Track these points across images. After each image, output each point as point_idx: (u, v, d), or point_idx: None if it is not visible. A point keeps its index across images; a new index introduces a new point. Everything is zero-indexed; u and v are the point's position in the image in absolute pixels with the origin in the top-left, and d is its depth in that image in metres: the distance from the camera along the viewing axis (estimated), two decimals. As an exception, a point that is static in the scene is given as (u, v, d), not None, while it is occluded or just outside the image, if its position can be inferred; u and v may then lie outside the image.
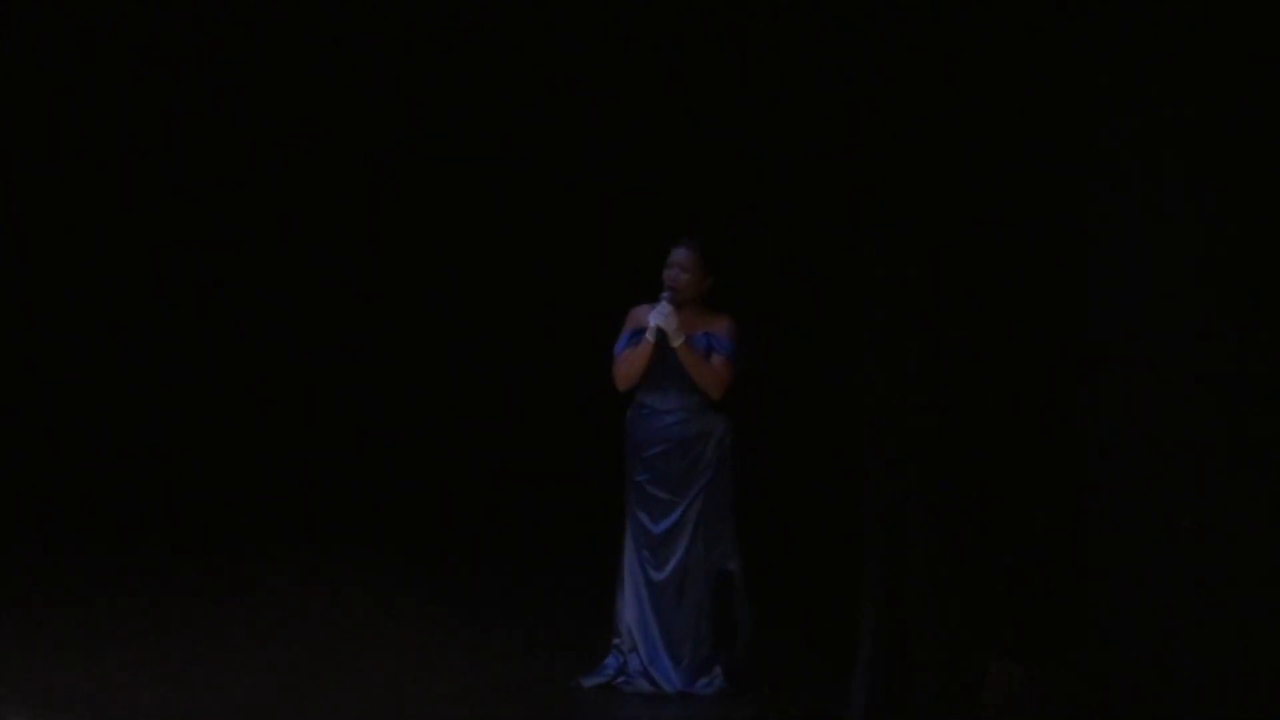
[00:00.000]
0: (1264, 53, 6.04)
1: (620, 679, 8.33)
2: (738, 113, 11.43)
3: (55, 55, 12.44)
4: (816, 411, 11.02)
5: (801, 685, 8.38)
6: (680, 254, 8.40)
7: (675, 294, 8.35)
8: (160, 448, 13.07)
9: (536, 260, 12.59)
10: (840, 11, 7.93)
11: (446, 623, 9.82)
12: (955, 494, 7.15)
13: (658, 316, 8.32)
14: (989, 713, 6.84)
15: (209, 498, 12.77)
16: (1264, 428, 6.07)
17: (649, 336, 8.32)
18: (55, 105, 12.62)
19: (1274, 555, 6.07)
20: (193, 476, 12.98)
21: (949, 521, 7.16)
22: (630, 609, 8.37)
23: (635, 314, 8.49)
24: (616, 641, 8.40)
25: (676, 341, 8.30)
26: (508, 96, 12.36)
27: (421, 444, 12.94)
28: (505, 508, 12.48)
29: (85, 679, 8.28)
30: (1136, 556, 6.47)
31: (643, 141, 11.90)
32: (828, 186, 10.31)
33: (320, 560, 11.53)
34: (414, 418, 13.01)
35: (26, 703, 7.76)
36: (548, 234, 12.49)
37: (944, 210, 7.09)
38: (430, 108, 12.59)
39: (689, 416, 8.36)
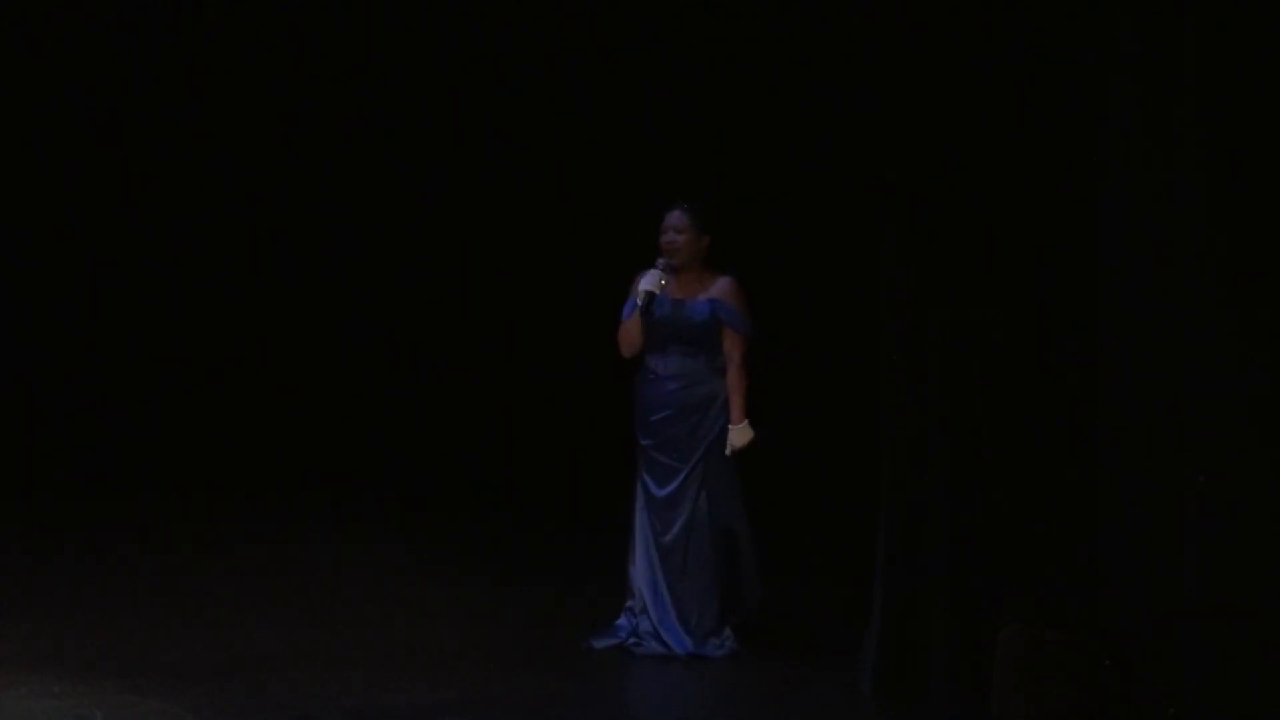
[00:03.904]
0: (1267, 44, 6.02)
1: (631, 640, 8.34)
2: (754, 111, 11.44)
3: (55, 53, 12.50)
4: (831, 375, 11.01)
5: (813, 647, 8.38)
6: (673, 217, 8.39)
7: (672, 258, 8.34)
8: (176, 408, 13.10)
9: (551, 228, 12.60)
10: (858, 9, 7.95)
11: (458, 583, 9.84)
12: (968, 459, 7.15)
13: (649, 281, 8.31)
14: (1001, 676, 6.84)
15: (225, 458, 12.80)
16: (1266, 395, 6.09)
17: (638, 301, 8.31)
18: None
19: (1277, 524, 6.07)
20: (211, 436, 13.01)
21: (962, 485, 7.16)
22: (641, 571, 8.37)
23: (639, 279, 8.48)
24: (629, 603, 8.40)
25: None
26: (512, 74, 12.39)
27: (435, 406, 12.95)
28: (518, 470, 12.49)
29: (98, 638, 8.30)
30: (1144, 521, 6.48)
31: (653, 127, 11.90)
32: (844, 183, 10.33)
33: (337, 521, 11.56)
34: (427, 381, 13.03)
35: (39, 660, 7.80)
36: (562, 203, 12.49)
37: (957, 198, 7.13)
38: (431, 85, 12.64)
39: (692, 382, 8.35)
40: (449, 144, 12.80)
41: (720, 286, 8.37)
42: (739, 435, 8.30)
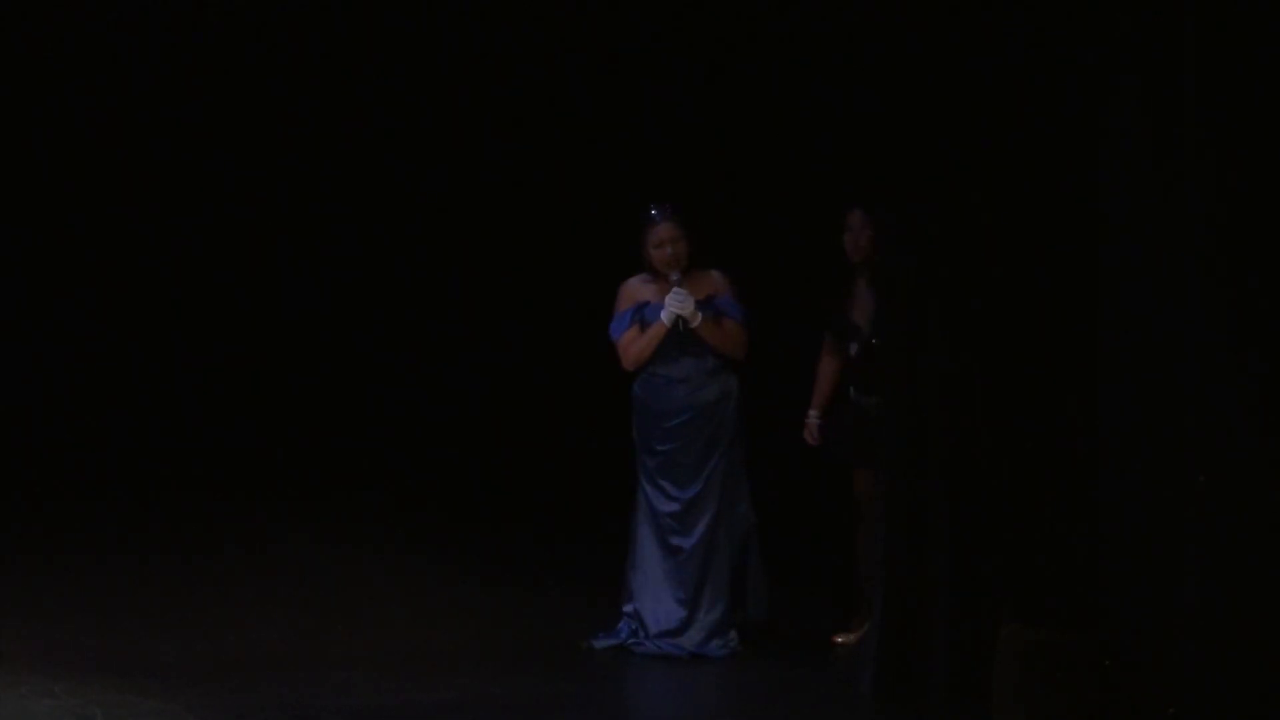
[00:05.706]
0: (1267, 44, 6.02)
1: (631, 641, 8.33)
2: (754, 111, 11.42)
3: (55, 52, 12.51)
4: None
5: (813, 647, 8.38)
6: (665, 230, 8.33)
7: (679, 268, 8.30)
8: (181, 406, 13.10)
9: (551, 228, 12.59)
10: (858, 9, 7.95)
11: (458, 584, 9.84)
12: (968, 459, 7.14)
13: (676, 303, 8.26)
14: (1001, 676, 6.84)
15: (224, 458, 12.79)
16: (1266, 395, 6.08)
17: (666, 321, 8.27)
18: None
19: (1277, 524, 6.07)
20: (211, 436, 13.01)
21: (962, 485, 7.16)
22: (641, 575, 8.35)
23: (627, 290, 8.43)
24: (626, 607, 8.39)
25: (695, 322, 8.26)
26: (512, 74, 12.38)
27: (435, 406, 12.95)
28: (519, 471, 12.48)
29: (98, 638, 8.30)
30: (1144, 521, 6.48)
31: (653, 127, 11.89)
32: (844, 183, 10.31)
33: (337, 522, 11.56)
34: (427, 381, 13.02)
35: (39, 660, 7.79)
36: (562, 203, 12.48)
37: (957, 198, 7.13)
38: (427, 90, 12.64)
39: (705, 381, 8.34)
40: (449, 144, 12.80)
41: (716, 282, 8.36)
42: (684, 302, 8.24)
